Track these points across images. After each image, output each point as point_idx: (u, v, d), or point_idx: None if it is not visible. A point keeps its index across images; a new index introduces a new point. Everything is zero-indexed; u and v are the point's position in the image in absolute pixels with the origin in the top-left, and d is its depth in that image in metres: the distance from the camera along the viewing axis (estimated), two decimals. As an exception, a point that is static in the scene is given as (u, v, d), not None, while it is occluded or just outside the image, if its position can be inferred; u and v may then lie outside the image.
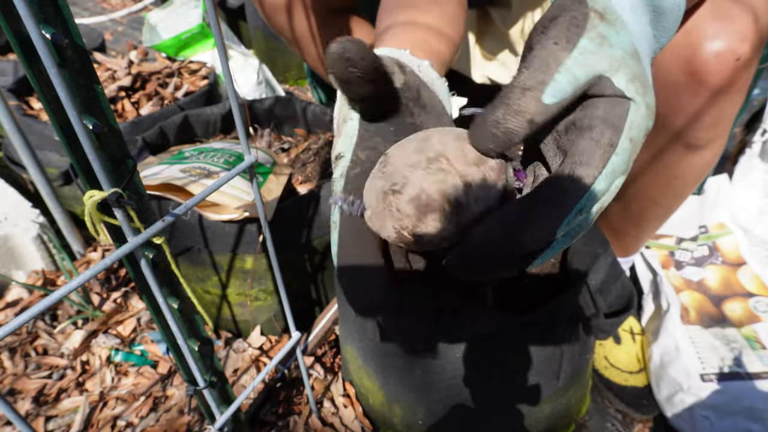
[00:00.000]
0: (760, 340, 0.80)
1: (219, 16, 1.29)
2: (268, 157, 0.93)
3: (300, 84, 1.93)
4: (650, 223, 0.80)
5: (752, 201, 0.97)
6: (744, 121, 1.03)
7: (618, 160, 0.27)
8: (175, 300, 0.47)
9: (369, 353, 0.68)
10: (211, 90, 1.26)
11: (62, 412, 0.81)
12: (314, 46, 0.86)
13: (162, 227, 0.41)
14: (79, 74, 0.33)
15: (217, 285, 0.86)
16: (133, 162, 0.39)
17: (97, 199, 0.36)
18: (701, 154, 0.66)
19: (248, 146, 0.48)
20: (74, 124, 0.32)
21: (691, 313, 0.85)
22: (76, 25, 0.32)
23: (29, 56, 0.31)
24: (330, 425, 0.79)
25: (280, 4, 0.80)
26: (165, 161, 0.86)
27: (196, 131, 1.06)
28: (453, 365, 0.61)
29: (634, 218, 0.79)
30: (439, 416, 0.67)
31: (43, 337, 0.92)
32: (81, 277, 0.34)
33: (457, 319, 0.58)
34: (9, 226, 1.01)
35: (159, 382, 0.85)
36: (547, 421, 0.71)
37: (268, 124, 1.12)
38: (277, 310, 0.91)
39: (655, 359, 0.83)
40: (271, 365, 0.61)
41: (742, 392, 0.74)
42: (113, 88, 1.24)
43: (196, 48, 1.48)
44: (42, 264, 1.04)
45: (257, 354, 0.89)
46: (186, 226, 0.79)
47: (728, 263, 0.92)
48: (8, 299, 0.98)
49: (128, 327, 0.95)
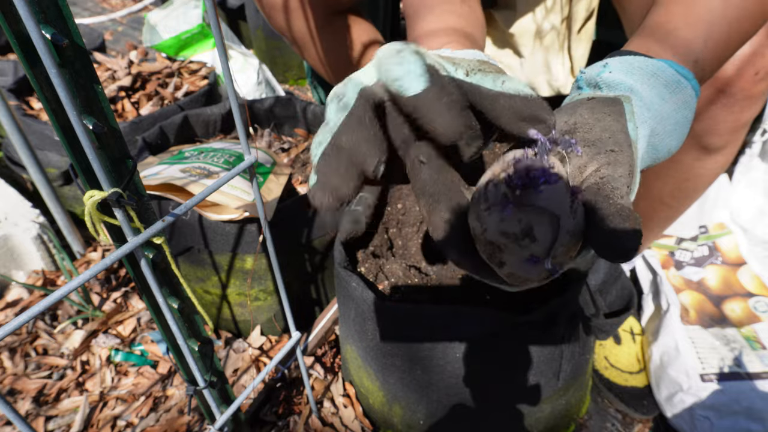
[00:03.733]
0: (759, 340, 0.80)
1: (219, 16, 1.29)
2: (268, 157, 0.93)
3: (300, 84, 1.93)
4: (657, 225, 0.80)
5: (752, 201, 0.97)
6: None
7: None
8: (175, 300, 0.47)
9: (369, 353, 0.68)
10: (211, 90, 1.26)
11: (62, 412, 0.81)
12: (314, 46, 0.85)
13: (162, 227, 0.41)
14: (79, 74, 0.33)
15: (217, 285, 0.86)
16: (133, 162, 0.39)
17: (97, 199, 0.36)
18: (715, 158, 0.66)
19: (248, 146, 0.48)
20: (74, 124, 0.32)
21: (691, 313, 0.85)
22: (76, 25, 0.32)
23: (29, 56, 0.31)
24: (330, 425, 0.79)
25: (279, 4, 0.80)
26: (165, 161, 0.86)
27: (196, 131, 1.06)
28: (453, 365, 0.61)
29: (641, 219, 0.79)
30: (439, 416, 0.67)
31: (43, 337, 0.92)
32: (81, 277, 0.34)
33: (457, 319, 0.58)
34: (9, 225, 1.01)
35: (159, 382, 0.85)
36: (547, 420, 0.71)
37: (268, 124, 1.12)
38: (277, 310, 0.91)
39: (655, 359, 0.83)
40: (271, 365, 0.61)
41: (741, 392, 0.74)
42: (113, 88, 1.24)
43: (196, 48, 1.48)
44: (42, 264, 1.04)
45: (257, 354, 0.89)
46: (186, 226, 0.79)
47: (728, 263, 0.92)
48: (8, 299, 0.99)
49: (128, 327, 0.95)
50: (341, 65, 0.90)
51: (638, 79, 0.37)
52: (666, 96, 0.37)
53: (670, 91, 0.37)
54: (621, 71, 0.38)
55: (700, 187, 0.71)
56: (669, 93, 0.37)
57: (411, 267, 0.71)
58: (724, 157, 0.67)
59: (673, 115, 0.37)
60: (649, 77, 0.37)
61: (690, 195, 0.73)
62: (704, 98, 0.61)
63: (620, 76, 0.37)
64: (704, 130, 0.63)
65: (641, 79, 0.37)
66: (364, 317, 0.64)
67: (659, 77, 0.37)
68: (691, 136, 0.65)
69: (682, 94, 0.38)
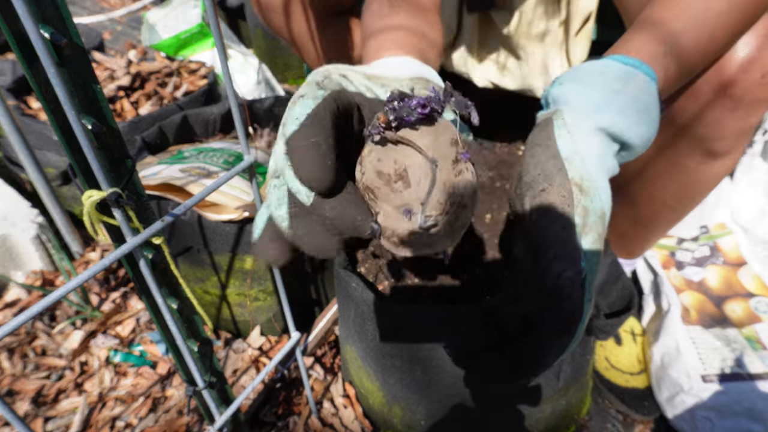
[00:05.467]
0: (761, 341, 0.80)
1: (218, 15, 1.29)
2: (268, 157, 0.93)
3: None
4: (660, 227, 0.79)
5: (753, 201, 0.96)
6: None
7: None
8: (174, 300, 0.47)
9: (369, 354, 0.68)
10: (211, 89, 1.26)
11: (61, 412, 0.81)
12: (313, 47, 0.85)
13: (161, 227, 0.41)
14: (77, 74, 0.33)
15: (216, 285, 0.86)
16: (132, 162, 0.38)
17: (96, 199, 0.35)
18: (721, 162, 0.65)
19: (248, 146, 0.48)
20: (73, 124, 0.32)
21: (692, 313, 0.85)
22: (75, 24, 0.32)
23: (28, 56, 0.31)
24: (330, 426, 0.79)
25: (277, 5, 0.80)
26: (164, 161, 0.85)
27: (195, 131, 1.06)
28: (453, 365, 0.61)
29: (644, 222, 0.79)
30: (439, 416, 0.67)
31: (42, 338, 0.92)
32: (80, 277, 0.34)
33: (457, 319, 0.58)
34: (8, 226, 1.00)
35: (158, 383, 0.85)
36: (548, 421, 0.71)
37: (268, 123, 1.12)
38: (277, 310, 0.90)
39: (655, 360, 0.83)
40: (270, 365, 0.61)
41: (743, 393, 0.74)
42: (112, 87, 1.24)
43: (196, 47, 1.48)
44: (41, 264, 1.04)
45: (257, 354, 0.89)
46: (185, 226, 0.79)
47: (729, 263, 0.92)
48: (7, 299, 0.98)
49: (127, 327, 0.94)
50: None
51: (583, 83, 0.39)
52: (619, 88, 0.38)
53: (623, 82, 0.39)
54: (569, 80, 0.40)
55: (705, 190, 0.71)
56: (622, 85, 0.38)
57: (411, 267, 0.71)
58: (730, 160, 0.66)
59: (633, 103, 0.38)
60: (596, 76, 0.39)
61: (694, 198, 0.72)
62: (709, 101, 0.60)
63: (563, 88, 0.39)
64: (709, 135, 0.62)
65: (587, 82, 0.39)
66: (363, 317, 0.64)
67: (607, 74, 0.39)
68: (696, 141, 0.64)
69: (635, 82, 0.39)
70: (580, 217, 0.34)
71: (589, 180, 0.35)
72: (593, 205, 0.34)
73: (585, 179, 0.35)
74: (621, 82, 0.39)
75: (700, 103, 0.60)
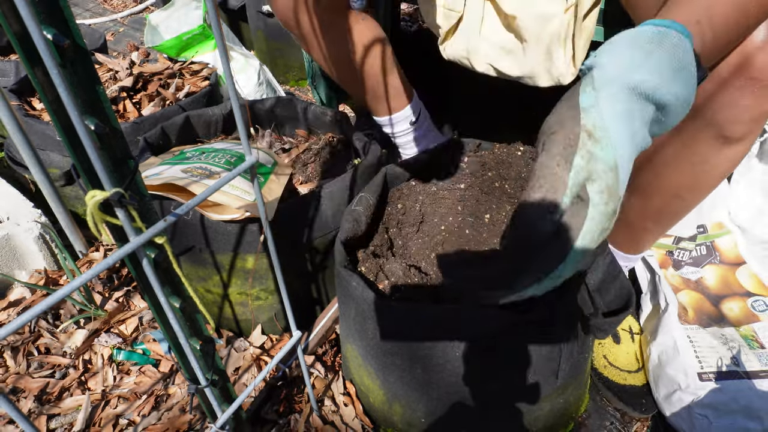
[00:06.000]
0: (758, 339, 0.80)
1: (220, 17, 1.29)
2: (269, 158, 0.94)
3: (301, 85, 1.93)
4: (669, 219, 0.79)
5: (751, 201, 0.97)
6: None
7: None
8: (176, 299, 0.47)
9: (369, 352, 0.69)
10: (213, 91, 1.27)
11: (65, 410, 0.82)
12: (318, 44, 0.87)
13: (164, 227, 0.41)
14: (80, 75, 0.33)
15: (218, 284, 0.86)
16: (134, 162, 0.39)
17: (99, 199, 0.36)
18: (734, 147, 0.64)
19: (249, 147, 0.48)
20: (76, 125, 0.32)
21: (690, 312, 0.86)
22: (78, 25, 0.33)
23: (31, 57, 0.31)
24: (330, 423, 0.79)
25: (289, 1, 0.82)
26: (166, 161, 0.86)
27: (197, 132, 1.07)
28: (453, 364, 0.62)
29: (653, 213, 0.78)
30: (439, 414, 0.68)
31: (46, 336, 0.92)
32: (83, 276, 0.35)
33: (456, 319, 0.59)
34: (11, 225, 1.01)
35: (161, 381, 0.86)
36: (546, 419, 0.71)
37: (269, 124, 1.12)
38: (278, 309, 0.91)
39: (653, 358, 0.83)
40: (272, 364, 0.61)
41: (740, 391, 0.74)
42: (115, 88, 1.25)
43: (198, 49, 1.49)
44: (44, 263, 1.05)
45: (258, 353, 0.89)
46: (188, 225, 0.80)
47: (727, 263, 0.92)
48: (11, 298, 0.99)
49: (130, 326, 0.95)
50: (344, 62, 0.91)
51: (616, 47, 0.40)
52: (653, 49, 0.39)
53: (656, 43, 0.40)
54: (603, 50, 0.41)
55: (717, 178, 0.69)
56: (655, 45, 0.39)
57: (411, 267, 0.71)
58: (743, 146, 0.65)
59: (667, 62, 0.39)
60: (628, 40, 0.40)
61: (705, 186, 0.71)
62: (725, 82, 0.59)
63: (598, 57, 0.41)
64: (723, 119, 0.61)
65: (619, 45, 0.40)
66: (364, 316, 0.64)
67: (639, 37, 0.40)
68: (710, 124, 0.63)
69: (669, 40, 0.40)
70: (583, 159, 0.35)
71: (603, 129, 0.36)
72: (602, 153, 0.35)
73: (598, 128, 0.35)
74: (654, 43, 0.39)
75: (715, 83, 0.59)
